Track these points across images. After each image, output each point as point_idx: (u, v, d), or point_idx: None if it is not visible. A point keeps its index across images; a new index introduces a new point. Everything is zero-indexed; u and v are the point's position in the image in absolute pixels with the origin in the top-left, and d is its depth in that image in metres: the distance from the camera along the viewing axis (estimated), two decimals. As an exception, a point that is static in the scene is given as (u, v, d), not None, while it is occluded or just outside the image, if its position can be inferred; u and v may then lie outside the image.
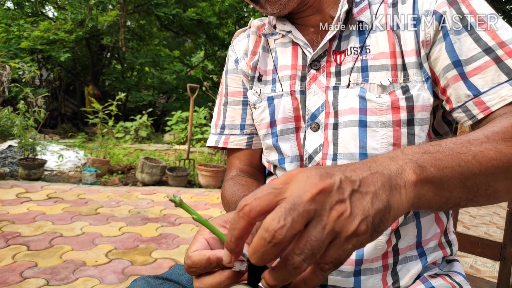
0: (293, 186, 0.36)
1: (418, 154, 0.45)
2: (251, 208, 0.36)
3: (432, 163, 0.44)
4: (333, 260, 0.37)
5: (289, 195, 0.36)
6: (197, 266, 0.43)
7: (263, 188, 0.37)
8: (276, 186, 0.37)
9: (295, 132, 0.77)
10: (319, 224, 0.35)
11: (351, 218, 0.36)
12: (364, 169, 0.40)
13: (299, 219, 0.34)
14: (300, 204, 0.34)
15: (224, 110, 0.91)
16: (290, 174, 0.38)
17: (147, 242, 2.89)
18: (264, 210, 0.36)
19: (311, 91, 0.73)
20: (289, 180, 0.37)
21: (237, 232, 0.37)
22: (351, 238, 0.36)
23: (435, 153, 0.45)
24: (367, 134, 0.68)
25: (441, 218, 0.74)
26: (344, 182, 0.37)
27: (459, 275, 0.73)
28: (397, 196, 0.40)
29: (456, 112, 0.66)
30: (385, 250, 0.69)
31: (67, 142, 6.74)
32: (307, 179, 0.36)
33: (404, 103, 0.66)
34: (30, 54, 7.67)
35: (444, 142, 0.48)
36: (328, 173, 0.37)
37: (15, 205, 3.53)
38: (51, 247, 2.69)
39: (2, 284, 2.14)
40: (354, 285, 0.69)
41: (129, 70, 10.32)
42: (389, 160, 0.43)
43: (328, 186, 0.36)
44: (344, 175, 0.38)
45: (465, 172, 0.46)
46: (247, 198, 0.37)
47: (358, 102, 0.68)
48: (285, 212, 0.34)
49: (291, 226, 0.34)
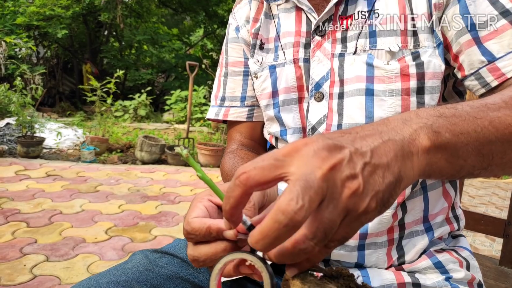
0: (299, 160, 0.33)
1: (433, 118, 0.41)
2: (248, 177, 0.33)
3: (448, 128, 0.41)
4: (340, 238, 0.35)
5: (295, 171, 0.32)
6: (196, 234, 0.40)
7: (264, 157, 0.34)
8: (278, 157, 0.34)
9: (298, 102, 0.74)
10: (331, 203, 0.32)
11: (363, 196, 0.34)
12: (375, 136, 0.37)
13: (316, 198, 0.31)
14: (314, 181, 0.31)
15: (224, 82, 0.87)
16: (294, 146, 0.34)
17: (146, 220, 2.89)
18: (263, 181, 0.33)
19: (315, 58, 0.70)
20: (293, 153, 0.34)
21: (232, 201, 0.34)
22: (361, 216, 0.34)
23: (451, 117, 0.42)
24: (374, 103, 0.64)
25: (449, 192, 0.71)
26: (354, 155, 0.34)
27: (466, 250, 0.72)
28: (409, 165, 0.37)
29: (468, 80, 0.62)
30: (391, 224, 0.66)
31: (66, 120, 6.70)
32: (314, 153, 0.33)
33: (414, 70, 0.62)
34: (26, 31, 7.52)
35: (460, 105, 0.45)
36: (337, 145, 0.34)
37: (14, 182, 3.53)
38: (51, 224, 2.69)
39: (2, 260, 2.15)
40: (357, 260, 0.68)
41: (127, 48, 10.16)
42: (402, 123, 0.40)
43: (338, 161, 0.33)
44: (354, 147, 0.35)
45: (481, 139, 0.43)
46: (245, 165, 0.34)
47: (365, 69, 0.65)
48: (302, 191, 0.30)
49: (309, 207, 0.30)
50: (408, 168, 0.37)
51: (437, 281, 0.64)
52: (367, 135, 0.37)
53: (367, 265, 0.68)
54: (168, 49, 10.11)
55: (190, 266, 0.76)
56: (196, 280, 0.74)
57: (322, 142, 0.34)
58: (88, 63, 9.24)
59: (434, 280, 0.65)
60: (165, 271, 0.74)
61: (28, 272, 2.04)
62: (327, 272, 0.38)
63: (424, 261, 0.67)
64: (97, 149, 4.77)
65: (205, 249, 0.40)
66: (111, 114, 5.97)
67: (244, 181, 0.33)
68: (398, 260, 0.68)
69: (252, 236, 0.32)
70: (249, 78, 0.84)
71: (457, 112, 0.43)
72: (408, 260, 0.68)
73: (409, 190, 0.65)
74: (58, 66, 9.31)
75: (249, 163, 0.34)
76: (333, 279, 0.37)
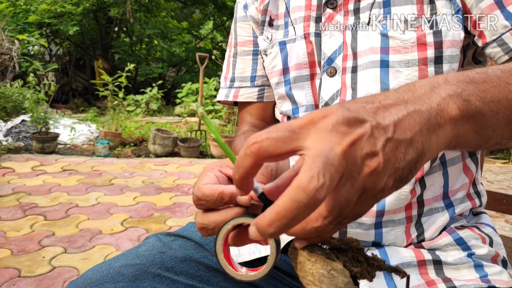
0: (316, 134, 0.31)
1: (463, 84, 0.38)
2: (260, 147, 0.31)
3: (478, 96, 0.38)
4: (354, 215, 0.33)
5: (311, 145, 0.30)
6: (208, 199, 0.39)
7: (278, 127, 0.32)
8: (293, 128, 0.31)
9: (309, 79, 0.71)
10: (348, 181, 0.30)
11: (382, 174, 0.32)
12: (399, 106, 0.34)
13: (336, 176, 0.29)
14: (334, 158, 0.29)
15: (233, 62, 0.85)
16: (311, 118, 0.32)
17: (161, 211, 2.91)
18: (275, 153, 0.31)
19: (327, 32, 0.67)
20: (309, 125, 0.31)
21: (243, 171, 0.32)
22: (377, 194, 0.32)
23: (481, 83, 0.39)
24: (390, 75, 0.62)
25: (469, 167, 0.68)
26: (376, 129, 0.32)
27: (488, 227, 0.69)
28: (434, 139, 0.35)
29: (490, 48, 0.59)
30: (409, 201, 0.64)
31: (79, 116, 6.77)
32: (333, 127, 0.31)
33: (432, 38, 0.59)
34: (38, 29, 7.61)
35: (491, 69, 0.42)
36: (357, 119, 0.32)
37: (30, 177, 3.58)
38: (67, 217, 2.73)
39: (21, 252, 2.19)
40: (375, 238, 0.66)
41: (137, 43, 10.20)
42: (430, 90, 0.37)
43: (358, 137, 0.31)
44: (375, 120, 0.32)
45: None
46: (257, 135, 0.32)
47: (380, 40, 0.62)
48: (323, 168, 0.28)
49: (330, 185, 0.28)
50: (432, 142, 0.35)
51: (459, 258, 0.62)
52: (391, 104, 0.34)
53: (385, 244, 0.66)
54: (178, 43, 10.12)
55: (204, 248, 0.75)
56: (210, 263, 0.73)
57: (342, 115, 0.31)
58: (99, 59, 9.30)
59: (455, 257, 0.62)
60: (179, 254, 0.73)
61: (47, 264, 2.07)
62: (336, 245, 0.36)
63: (445, 237, 0.64)
64: (111, 143, 4.81)
65: (215, 216, 0.38)
66: (124, 108, 6.00)
67: (256, 152, 0.31)
68: (418, 238, 0.66)
69: (265, 217, 0.29)
70: (259, 57, 0.82)
71: (488, 77, 0.40)
72: (428, 238, 0.66)
73: (428, 165, 0.63)
74: (70, 63, 9.41)
75: (262, 132, 0.32)
76: (341, 252, 0.36)
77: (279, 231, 0.29)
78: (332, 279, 0.31)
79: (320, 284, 0.32)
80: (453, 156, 0.66)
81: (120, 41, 9.84)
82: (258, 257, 0.75)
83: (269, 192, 0.37)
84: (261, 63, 0.81)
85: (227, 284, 0.73)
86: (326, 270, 0.32)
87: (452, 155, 0.66)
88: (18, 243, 2.29)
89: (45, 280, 1.92)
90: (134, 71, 7.31)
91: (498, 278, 0.60)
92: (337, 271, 0.32)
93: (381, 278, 0.64)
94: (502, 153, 5.24)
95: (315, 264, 0.33)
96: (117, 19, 9.18)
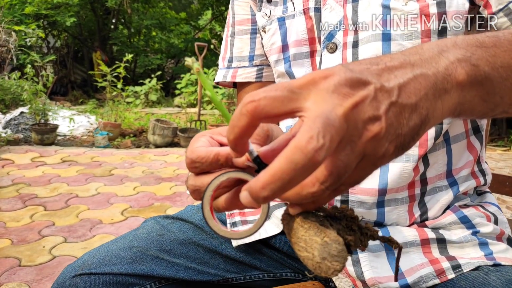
0: (316, 95, 0.29)
1: (473, 48, 0.36)
2: (257, 107, 0.29)
3: (487, 61, 0.36)
4: (351, 181, 0.32)
5: (311, 106, 0.29)
6: (202, 161, 0.37)
7: (277, 86, 0.30)
8: (293, 88, 0.30)
9: (309, 56, 0.69)
10: (348, 145, 0.29)
11: (384, 140, 0.30)
12: (405, 69, 0.32)
13: (337, 138, 0.27)
14: (335, 120, 0.27)
15: (231, 42, 0.83)
16: (311, 78, 0.30)
17: (161, 201, 2.90)
18: (273, 113, 0.29)
19: (327, 6, 0.65)
20: (310, 85, 0.30)
21: (237, 131, 0.31)
22: (377, 161, 0.31)
23: (491, 48, 0.37)
24: (392, 48, 0.60)
25: (474, 144, 0.67)
26: (379, 92, 0.30)
27: (493, 206, 0.67)
28: (439, 105, 0.33)
29: (496, 18, 0.57)
30: (412, 179, 0.62)
31: (78, 108, 6.75)
32: (335, 88, 0.29)
33: (435, 9, 0.57)
34: (35, 20, 7.55)
35: (501, 33, 0.39)
36: (360, 80, 0.30)
37: (30, 168, 3.57)
38: (67, 207, 2.72)
39: (22, 242, 2.18)
40: (377, 218, 0.64)
41: (136, 34, 10.13)
42: (438, 53, 0.35)
43: (361, 99, 0.29)
44: (379, 82, 0.30)
45: None
46: (254, 93, 0.30)
47: (381, 12, 0.60)
48: (323, 129, 0.26)
49: (330, 147, 0.27)
50: (437, 108, 0.33)
51: (463, 236, 0.61)
52: (397, 66, 0.32)
53: (387, 223, 0.65)
54: (177, 34, 10.05)
55: (203, 231, 0.74)
56: (209, 245, 0.72)
57: (344, 75, 0.30)
58: (98, 51, 9.25)
59: (460, 235, 0.61)
60: (178, 236, 0.72)
61: (47, 253, 2.07)
62: (330, 213, 0.35)
63: (449, 216, 0.63)
64: (111, 134, 4.80)
65: (209, 178, 0.37)
66: (123, 100, 5.98)
67: (252, 111, 0.29)
68: (421, 217, 0.65)
69: (259, 180, 0.28)
70: (257, 36, 0.80)
71: (499, 41, 0.38)
72: (431, 217, 0.64)
73: (431, 142, 0.61)
74: (68, 55, 9.36)
75: (260, 90, 0.30)
76: (335, 220, 0.35)
77: (273, 195, 0.28)
78: (325, 246, 0.30)
79: (313, 250, 0.31)
80: (457, 133, 0.64)
81: (118, 32, 9.77)
82: (258, 239, 0.73)
83: (264, 155, 0.35)
84: (260, 42, 0.79)
85: (227, 266, 0.72)
86: (319, 237, 0.31)
87: (456, 132, 0.64)
88: (18, 233, 2.29)
89: (45, 269, 1.92)
90: (132, 62, 7.26)
91: (503, 255, 0.59)
92: (330, 239, 0.31)
93: (383, 258, 0.63)
94: (503, 141, 5.23)
95: (308, 230, 0.32)
96: (114, 10, 9.10)
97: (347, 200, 0.64)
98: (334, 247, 0.30)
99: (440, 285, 0.58)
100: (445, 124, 0.61)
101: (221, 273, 0.72)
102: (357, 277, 0.63)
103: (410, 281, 0.59)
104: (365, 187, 0.62)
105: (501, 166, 4.09)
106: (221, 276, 0.72)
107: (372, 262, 0.63)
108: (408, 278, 0.59)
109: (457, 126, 0.64)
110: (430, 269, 0.59)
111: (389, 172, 0.61)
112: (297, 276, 0.76)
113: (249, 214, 0.77)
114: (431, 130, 0.60)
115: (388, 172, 0.61)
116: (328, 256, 0.30)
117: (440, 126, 0.61)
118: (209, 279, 0.71)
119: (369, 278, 0.61)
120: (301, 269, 0.76)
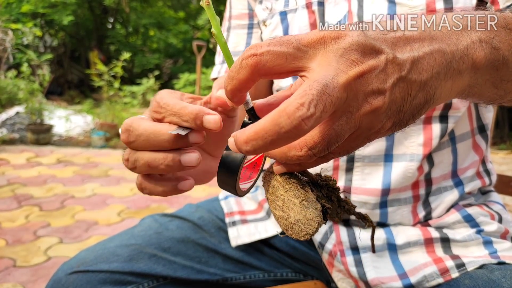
0: (323, 56, 0.28)
1: (498, 28, 0.34)
2: (259, 61, 0.28)
3: (509, 45, 0.34)
4: (341, 151, 0.31)
5: (315, 68, 0.27)
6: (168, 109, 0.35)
7: (283, 40, 0.28)
8: (300, 45, 0.28)
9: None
10: (344, 116, 0.28)
11: (383, 115, 0.29)
12: (423, 42, 0.30)
13: (330, 108, 0.26)
14: (334, 88, 0.26)
15: (226, 37, 0.82)
16: (322, 36, 0.28)
17: (158, 202, 2.88)
18: (274, 71, 0.28)
19: (331, 0, 0.64)
20: (318, 44, 0.28)
21: (236, 83, 0.29)
22: (371, 135, 0.30)
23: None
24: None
25: (479, 144, 0.65)
26: (390, 64, 0.28)
27: (497, 204, 0.66)
28: (448, 85, 0.31)
29: (503, 13, 0.56)
30: (416, 179, 0.61)
31: (75, 108, 6.70)
32: (344, 52, 0.27)
33: (442, 5, 0.56)
34: (32, 19, 7.51)
35: None
36: (373, 47, 0.28)
37: (26, 168, 3.54)
38: (63, 207, 2.70)
39: (17, 243, 2.16)
40: (380, 219, 0.63)
41: (133, 33, 10.10)
42: (462, 28, 0.33)
43: (368, 69, 0.27)
44: (393, 54, 0.28)
45: None
46: (258, 45, 0.28)
47: (387, 7, 0.59)
48: (317, 97, 0.25)
49: (320, 117, 0.25)
50: (446, 89, 0.31)
51: (467, 235, 0.59)
52: (415, 37, 0.30)
53: (390, 224, 0.64)
54: (175, 33, 10.01)
55: (202, 229, 0.73)
56: (208, 244, 0.71)
57: (357, 39, 0.28)
58: (95, 50, 9.20)
59: (464, 234, 0.60)
60: (176, 234, 0.70)
61: (43, 254, 2.04)
62: (313, 179, 0.35)
63: (452, 215, 0.62)
64: (107, 135, 4.77)
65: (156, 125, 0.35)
66: (120, 100, 5.95)
67: (252, 66, 0.28)
68: (425, 218, 0.63)
69: (244, 133, 0.27)
70: (254, 31, 0.78)
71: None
72: (435, 217, 0.63)
73: (436, 141, 0.60)
74: (65, 55, 9.31)
75: (264, 42, 0.28)
76: (316, 187, 0.35)
77: (254, 151, 0.27)
78: (302, 209, 0.30)
79: (289, 211, 0.31)
80: (463, 132, 0.63)
81: (115, 31, 9.74)
82: (258, 239, 0.72)
83: (259, 108, 0.34)
84: (257, 37, 0.78)
85: (226, 265, 0.71)
86: (298, 199, 0.31)
87: (461, 131, 0.63)
88: (13, 233, 2.26)
89: (40, 270, 1.89)
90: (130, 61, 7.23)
91: (508, 254, 0.58)
92: (309, 202, 0.30)
93: (386, 257, 0.62)
94: (505, 144, 5.24)
95: (288, 191, 0.32)
96: (112, 9, 9.07)
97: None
98: (311, 211, 0.30)
99: (444, 284, 0.56)
100: (451, 123, 0.60)
101: (220, 272, 0.70)
102: (360, 278, 0.62)
103: (413, 280, 0.58)
104: (368, 187, 0.61)
105: (503, 169, 4.09)
106: (220, 275, 0.70)
107: (375, 262, 0.61)
108: (411, 278, 0.58)
109: (462, 125, 0.63)
110: (433, 268, 0.57)
111: (392, 171, 0.60)
112: (298, 276, 0.75)
113: (249, 214, 0.76)
114: (436, 129, 0.59)
115: (392, 172, 0.60)
116: (303, 218, 0.30)
117: (445, 125, 0.59)
118: (208, 278, 0.69)
119: (371, 278, 0.60)
120: (302, 269, 0.75)
